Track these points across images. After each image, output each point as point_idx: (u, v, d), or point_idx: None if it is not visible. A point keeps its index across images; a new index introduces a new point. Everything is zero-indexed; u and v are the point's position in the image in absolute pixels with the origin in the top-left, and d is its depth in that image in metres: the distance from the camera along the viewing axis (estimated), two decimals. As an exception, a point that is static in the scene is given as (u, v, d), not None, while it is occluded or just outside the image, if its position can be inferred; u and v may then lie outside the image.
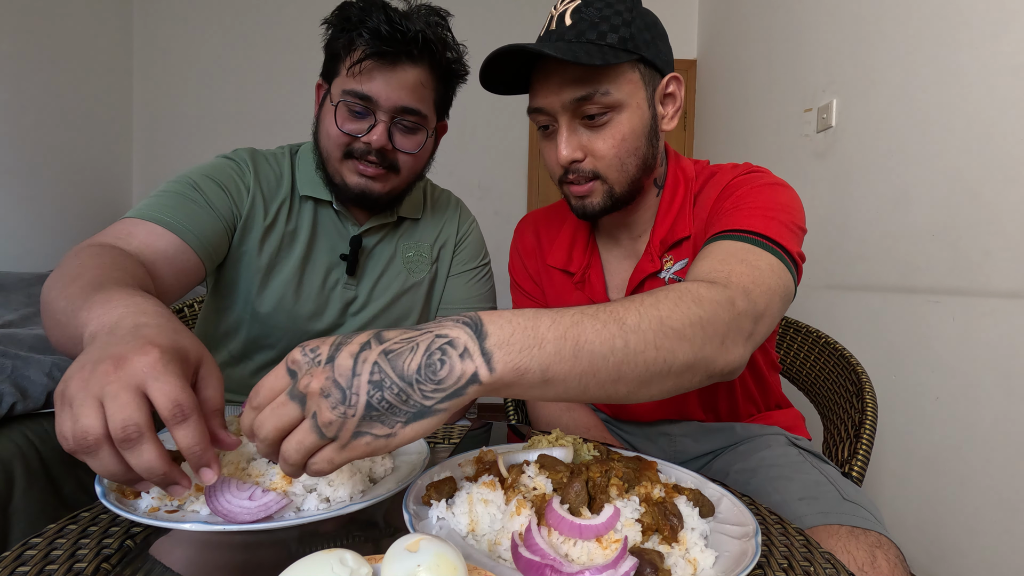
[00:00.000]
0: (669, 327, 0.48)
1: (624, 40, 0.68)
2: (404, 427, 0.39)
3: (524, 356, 0.41)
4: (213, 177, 0.83)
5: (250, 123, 3.16)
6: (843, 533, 0.63)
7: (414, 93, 0.82)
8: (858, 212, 1.79)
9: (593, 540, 0.41)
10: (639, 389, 0.47)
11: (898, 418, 1.60)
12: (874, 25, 1.74)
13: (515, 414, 1.09)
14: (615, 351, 0.45)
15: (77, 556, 0.42)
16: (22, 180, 2.38)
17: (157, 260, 0.72)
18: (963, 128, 1.41)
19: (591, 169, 0.74)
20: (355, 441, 0.39)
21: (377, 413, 0.38)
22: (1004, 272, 1.30)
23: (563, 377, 0.43)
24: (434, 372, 0.39)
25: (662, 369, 0.47)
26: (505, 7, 3.22)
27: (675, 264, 0.81)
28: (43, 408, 1.31)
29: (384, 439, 0.39)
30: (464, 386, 0.40)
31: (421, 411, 0.39)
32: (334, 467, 0.39)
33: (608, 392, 0.46)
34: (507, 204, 3.29)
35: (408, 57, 0.80)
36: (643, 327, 0.46)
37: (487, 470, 0.51)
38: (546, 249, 0.94)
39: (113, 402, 0.39)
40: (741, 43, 2.66)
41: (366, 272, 0.96)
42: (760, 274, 0.59)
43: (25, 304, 1.76)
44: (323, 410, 0.37)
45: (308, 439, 0.38)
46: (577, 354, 0.43)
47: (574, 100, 0.70)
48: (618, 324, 0.46)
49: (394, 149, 0.84)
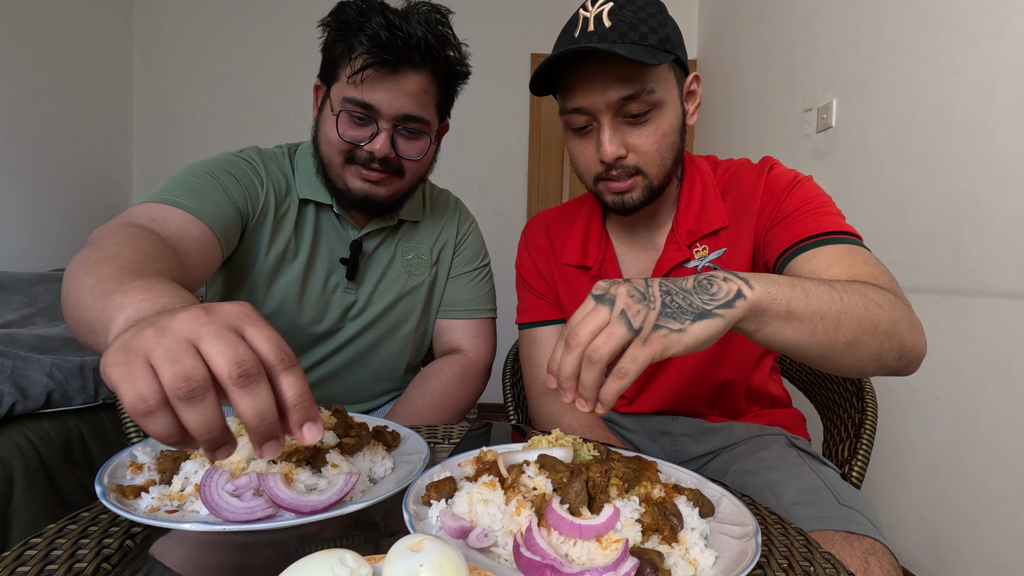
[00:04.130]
0: (869, 297, 0.56)
1: (663, 41, 0.71)
2: (692, 323, 0.47)
3: (771, 285, 0.51)
4: (228, 170, 0.81)
5: (250, 123, 3.16)
6: (837, 539, 0.63)
7: (416, 100, 0.80)
8: (858, 212, 1.79)
9: (593, 540, 0.41)
10: (855, 345, 0.55)
11: (898, 418, 1.60)
12: (874, 25, 1.74)
13: (515, 414, 1.09)
14: (834, 301, 0.53)
15: (77, 556, 0.42)
16: (22, 180, 2.38)
17: (191, 249, 0.69)
18: (963, 128, 1.41)
19: (634, 164, 0.76)
20: (655, 333, 0.46)
21: (670, 311, 0.47)
22: (1004, 272, 1.30)
23: (800, 312, 0.52)
24: (706, 289, 0.50)
25: (871, 327, 0.55)
26: (505, 7, 3.22)
27: (710, 253, 0.83)
28: (43, 408, 1.31)
29: (677, 333, 0.47)
30: (733, 299, 0.49)
31: (703, 312, 0.48)
32: (638, 366, 0.46)
33: (832, 338, 0.54)
34: (507, 204, 3.29)
35: (410, 64, 0.78)
36: (850, 291, 0.55)
37: (487, 470, 0.50)
38: (559, 248, 0.95)
39: (217, 341, 0.34)
40: (741, 43, 2.66)
41: (366, 276, 0.95)
42: (884, 271, 0.68)
43: (25, 304, 1.76)
44: (631, 304, 0.47)
45: (617, 330, 0.46)
46: (808, 295, 0.52)
47: (621, 99, 0.72)
48: (829, 286, 0.55)
49: (397, 156, 0.83)
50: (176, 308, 0.38)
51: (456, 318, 1.04)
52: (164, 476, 0.50)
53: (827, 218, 0.73)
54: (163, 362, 0.33)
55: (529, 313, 0.97)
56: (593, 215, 0.93)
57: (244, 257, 0.86)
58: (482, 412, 3.19)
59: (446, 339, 1.04)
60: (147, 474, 0.51)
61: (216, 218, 0.74)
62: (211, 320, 0.35)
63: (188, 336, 0.34)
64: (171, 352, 0.33)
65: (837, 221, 0.73)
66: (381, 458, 0.56)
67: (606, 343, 0.46)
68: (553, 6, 3.06)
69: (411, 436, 0.64)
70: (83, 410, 1.41)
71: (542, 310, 0.96)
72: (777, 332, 0.52)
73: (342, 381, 0.99)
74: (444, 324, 1.05)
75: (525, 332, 1.00)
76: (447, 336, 1.04)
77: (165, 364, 0.33)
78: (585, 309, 0.49)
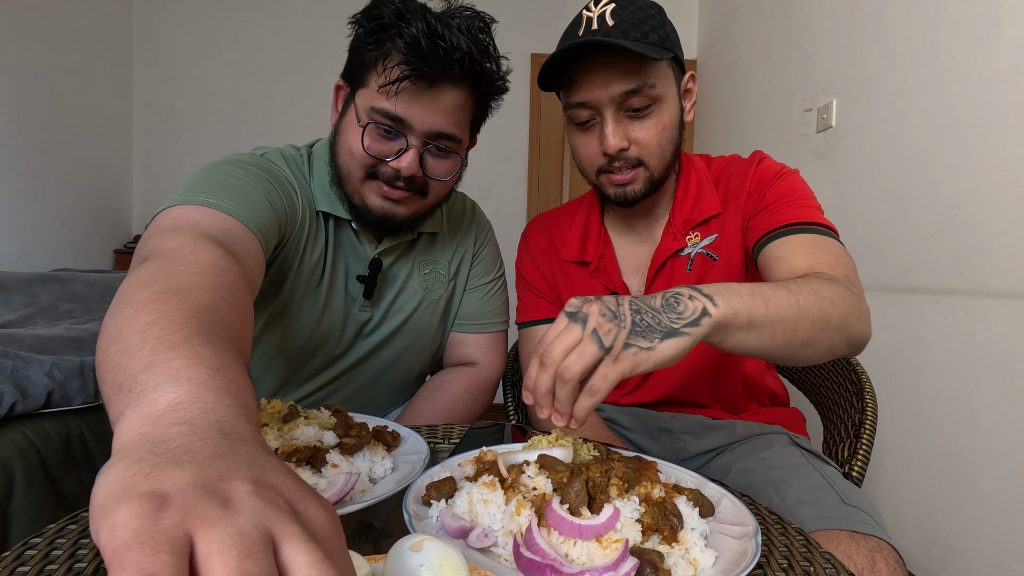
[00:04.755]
0: (822, 295, 0.60)
1: (662, 39, 0.75)
2: (661, 342, 0.50)
3: (733, 299, 0.53)
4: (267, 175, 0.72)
5: (250, 123, 3.16)
6: (843, 538, 0.63)
7: (452, 117, 0.74)
8: (858, 212, 1.79)
9: (593, 540, 0.41)
10: (810, 344, 0.59)
11: (898, 418, 1.60)
12: (874, 25, 1.74)
13: (515, 414, 1.09)
14: (791, 305, 0.57)
15: (77, 556, 0.42)
16: (22, 180, 2.38)
17: (256, 270, 0.61)
18: (963, 128, 1.41)
19: (636, 157, 0.79)
20: (625, 352, 0.49)
21: (640, 329, 0.50)
22: (1004, 272, 1.30)
23: (761, 321, 0.54)
24: (673, 308, 0.52)
25: (823, 324, 0.59)
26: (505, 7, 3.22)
27: (703, 240, 0.86)
28: (43, 408, 1.31)
29: (646, 351, 0.49)
30: (699, 317, 0.52)
31: (671, 331, 0.50)
32: (608, 383, 0.48)
33: (789, 340, 0.57)
34: (507, 204, 3.29)
35: (449, 79, 0.71)
36: (805, 292, 0.59)
37: (487, 470, 0.51)
38: (559, 246, 0.97)
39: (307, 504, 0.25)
40: (741, 43, 2.66)
41: (383, 294, 0.89)
42: (843, 259, 0.71)
43: (25, 304, 1.76)
44: (602, 323, 0.49)
45: (589, 348, 0.48)
46: (767, 304, 0.55)
47: (624, 93, 0.75)
48: (785, 290, 0.58)
49: (424, 175, 0.76)
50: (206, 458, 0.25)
51: (471, 332, 1.00)
52: (164, 476, 0.50)
53: (802, 209, 0.77)
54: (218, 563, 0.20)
55: (529, 312, 0.98)
56: (592, 212, 0.96)
57: (278, 270, 0.77)
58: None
59: (459, 352, 1.01)
60: (147, 474, 0.51)
61: (264, 232, 0.66)
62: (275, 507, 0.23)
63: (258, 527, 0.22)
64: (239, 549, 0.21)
65: (812, 213, 0.77)
66: (381, 458, 0.56)
67: (578, 361, 0.48)
68: (553, 6, 3.07)
69: (411, 436, 0.64)
70: (83, 410, 1.41)
71: (542, 308, 0.96)
72: (740, 342, 0.56)
73: (353, 401, 0.94)
74: (458, 337, 1.01)
75: (525, 331, 1.00)
76: (460, 349, 1.01)
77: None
78: (559, 327, 0.51)
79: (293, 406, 0.59)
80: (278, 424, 0.55)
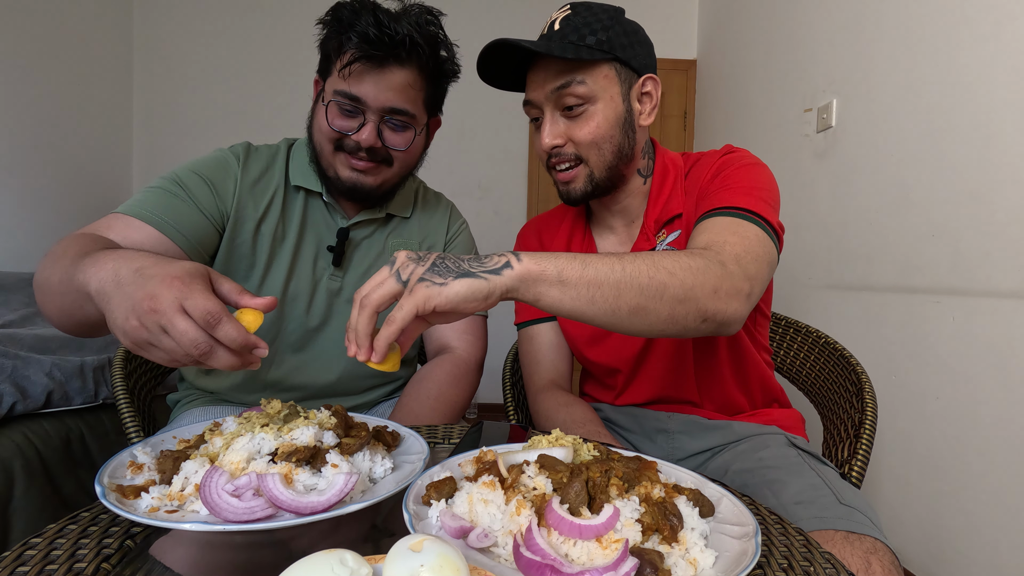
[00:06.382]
0: (660, 265, 0.61)
1: (601, 42, 0.78)
2: (455, 279, 0.54)
3: (544, 260, 0.57)
4: (199, 172, 0.86)
5: (250, 122, 3.16)
6: (838, 538, 0.63)
7: (402, 94, 0.85)
8: (858, 212, 1.79)
9: (593, 540, 0.41)
10: (640, 311, 0.60)
11: (898, 418, 1.60)
12: (874, 25, 1.74)
13: (515, 414, 1.09)
14: (614, 271, 0.59)
15: (77, 556, 0.42)
16: (22, 180, 2.38)
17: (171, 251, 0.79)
18: (963, 128, 1.41)
19: (572, 153, 0.83)
20: (418, 284, 0.53)
21: (437, 269, 0.55)
22: (1004, 272, 1.30)
23: (575, 280, 0.57)
24: (479, 260, 0.57)
25: (655, 293, 0.60)
26: (505, 8, 3.22)
27: (668, 236, 0.88)
28: (43, 408, 1.31)
29: (438, 286, 0.53)
30: (501, 268, 0.56)
31: (467, 273, 0.55)
32: (403, 313, 0.53)
33: (613, 306, 0.59)
34: (507, 204, 3.29)
35: (396, 60, 0.83)
36: (637, 262, 0.60)
37: (487, 470, 0.50)
38: (548, 247, 0.99)
39: (174, 329, 0.50)
40: (741, 43, 2.66)
41: (352, 264, 0.97)
42: (749, 243, 0.70)
43: (25, 304, 1.76)
44: (405, 262, 0.56)
45: (388, 282, 0.55)
46: (585, 266, 0.58)
47: (554, 90, 0.80)
48: (616, 258, 0.60)
49: (384, 146, 0.87)
50: (126, 293, 0.53)
51: None
52: (164, 476, 0.50)
53: (736, 196, 0.77)
54: (166, 344, 0.51)
55: (526, 311, 1.00)
56: (578, 215, 0.99)
57: (231, 252, 0.89)
58: (482, 412, 3.19)
59: (435, 337, 1.05)
60: (147, 474, 0.51)
61: (172, 221, 0.80)
62: (162, 313, 0.50)
63: (160, 326, 0.50)
64: (175, 326, 0.49)
65: (743, 199, 0.76)
66: (381, 458, 0.56)
67: (376, 291, 0.55)
68: (553, 7, 3.07)
69: (411, 436, 0.64)
70: (83, 410, 1.41)
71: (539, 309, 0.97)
72: (557, 301, 0.58)
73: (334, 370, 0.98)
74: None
75: (524, 331, 1.01)
76: (436, 334, 1.04)
77: (171, 347, 0.51)
78: (374, 275, 0.57)
79: (293, 406, 0.59)
80: (278, 424, 0.55)
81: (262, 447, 0.50)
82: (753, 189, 0.78)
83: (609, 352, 0.93)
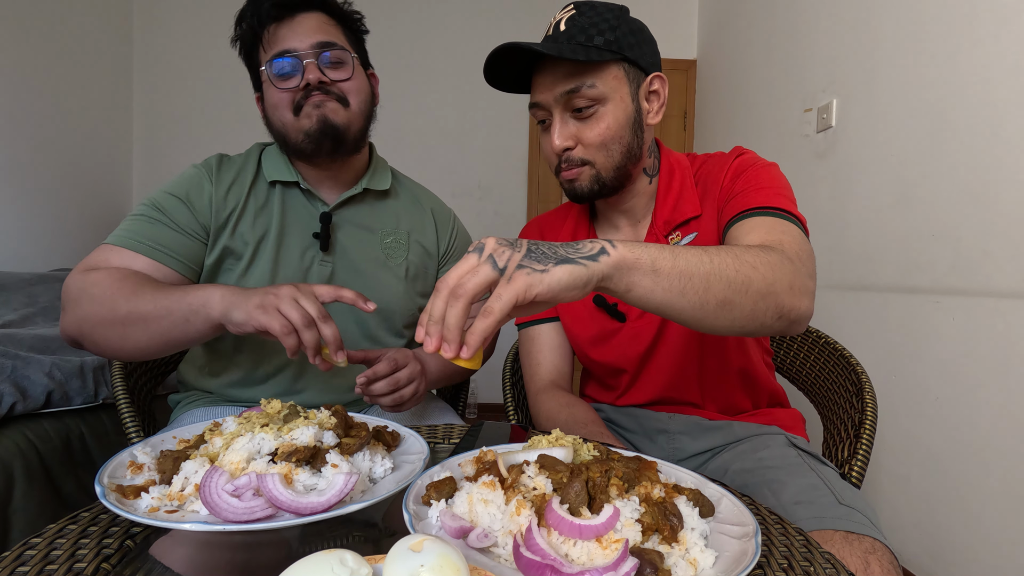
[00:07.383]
0: (744, 259, 0.60)
1: (609, 43, 0.77)
2: (555, 266, 0.51)
3: (637, 249, 0.55)
4: (174, 193, 0.89)
5: (250, 123, 3.13)
6: (837, 539, 0.63)
7: (321, 30, 0.89)
8: (858, 212, 1.79)
9: (593, 540, 0.41)
10: (727, 305, 0.58)
11: (898, 418, 1.60)
12: (874, 25, 1.74)
13: (515, 414, 1.09)
14: (703, 263, 0.57)
15: (77, 556, 0.42)
16: (22, 180, 2.38)
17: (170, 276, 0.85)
18: (963, 128, 1.41)
19: (580, 157, 0.82)
20: (518, 271, 0.50)
21: (534, 255, 0.52)
22: (1004, 272, 1.30)
23: (667, 271, 0.55)
24: (574, 247, 0.54)
25: (742, 287, 0.58)
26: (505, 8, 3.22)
27: (683, 238, 0.87)
28: (43, 408, 1.31)
29: (540, 273, 0.50)
30: (597, 254, 0.53)
31: (566, 259, 0.52)
32: (502, 303, 0.48)
33: (703, 299, 0.57)
34: (507, 204, 3.29)
35: (303, 7, 0.89)
36: (723, 254, 0.59)
37: (487, 470, 0.50)
38: None
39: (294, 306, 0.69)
40: (741, 43, 2.66)
41: (338, 246, 0.97)
42: (799, 242, 0.70)
43: (25, 304, 1.76)
44: (498, 248, 0.52)
45: (483, 268, 0.50)
46: (676, 257, 0.56)
47: (564, 93, 0.78)
48: (702, 251, 0.58)
49: (332, 81, 0.89)
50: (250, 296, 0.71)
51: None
52: (164, 476, 0.50)
53: (768, 196, 0.77)
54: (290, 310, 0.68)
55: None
56: (582, 214, 0.98)
57: (221, 259, 0.90)
58: (482, 412, 3.19)
59: None
60: (147, 474, 0.51)
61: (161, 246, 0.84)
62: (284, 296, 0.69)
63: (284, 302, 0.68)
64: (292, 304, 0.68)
65: (778, 200, 0.76)
66: (381, 458, 0.56)
67: (471, 279, 0.50)
68: (553, 7, 3.07)
69: (411, 436, 0.64)
70: (83, 410, 1.41)
71: None
72: (648, 292, 0.56)
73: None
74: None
75: (524, 331, 1.00)
76: None
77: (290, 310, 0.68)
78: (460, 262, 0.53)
79: (293, 406, 0.59)
80: (278, 424, 0.55)
81: (262, 447, 0.50)
82: (779, 188, 0.79)
83: (615, 352, 0.93)
